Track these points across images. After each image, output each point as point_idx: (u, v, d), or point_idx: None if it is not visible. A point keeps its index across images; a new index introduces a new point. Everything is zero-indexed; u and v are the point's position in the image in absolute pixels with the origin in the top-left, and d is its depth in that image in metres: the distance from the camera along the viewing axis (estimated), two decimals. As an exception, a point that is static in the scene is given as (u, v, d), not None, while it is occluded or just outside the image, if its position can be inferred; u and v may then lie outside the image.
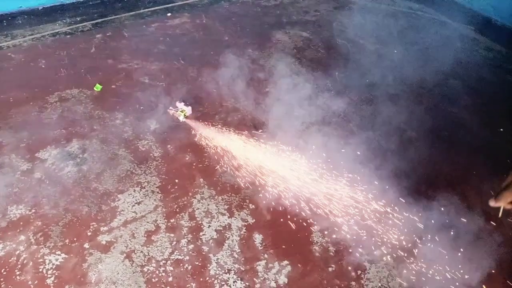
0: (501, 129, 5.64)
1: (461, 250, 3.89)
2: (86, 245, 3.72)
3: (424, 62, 6.74)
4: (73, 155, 4.60)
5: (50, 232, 3.79)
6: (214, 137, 4.97)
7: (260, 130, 5.13)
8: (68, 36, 6.71)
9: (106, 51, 6.37)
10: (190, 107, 5.24)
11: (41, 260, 3.56)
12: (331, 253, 3.92)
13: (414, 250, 3.92)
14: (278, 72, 6.11)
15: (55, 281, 3.42)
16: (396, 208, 4.19)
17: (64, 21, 7.08)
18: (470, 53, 7.29)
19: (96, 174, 4.40)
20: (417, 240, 3.98)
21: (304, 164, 4.58)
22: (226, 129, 5.10)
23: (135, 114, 5.24)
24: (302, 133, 5.12)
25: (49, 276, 3.45)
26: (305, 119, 5.38)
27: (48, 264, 3.53)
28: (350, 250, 3.94)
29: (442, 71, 6.67)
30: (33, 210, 3.95)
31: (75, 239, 3.76)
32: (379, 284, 3.73)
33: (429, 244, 3.93)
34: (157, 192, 4.29)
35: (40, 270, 3.48)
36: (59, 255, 3.62)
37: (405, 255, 3.90)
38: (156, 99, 5.51)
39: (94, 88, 5.56)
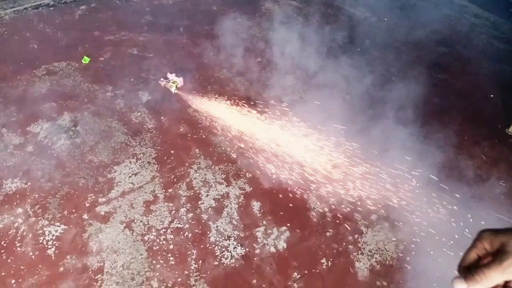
0: (491, 95, 5.74)
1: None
2: (85, 216, 3.71)
3: (413, 30, 6.75)
4: (65, 128, 4.53)
5: (48, 204, 3.76)
6: (208, 108, 4.94)
7: (254, 100, 5.11)
8: (51, 8, 6.49)
9: (91, 23, 6.19)
10: (181, 78, 5.17)
11: (40, 231, 3.55)
12: (328, 219, 4.00)
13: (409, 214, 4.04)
14: (269, 42, 6.06)
15: (56, 252, 3.42)
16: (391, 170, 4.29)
17: (46, -8, 6.83)
18: (459, 20, 7.31)
19: (90, 147, 4.36)
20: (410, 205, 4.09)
21: (299, 132, 4.61)
22: (220, 100, 5.07)
23: (126, 86, 5.15)
24: (295, 101, 5.13)
25: (49, 247, 3.45)
26: (297, 87, 5.39)
27: (48, 235, 3.53)
28: (347, 215, 4.02)
29: (432, 39, 6.70)
30: (29, 183, 3.90)
31: (73, 210, 3.74)
32: (376, 247, 3.83)
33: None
34: (153, 163, 4.27)
35: (40, 241, 3.47)
36: (58, 226, 3.61)
37: (400, 218, 4.01)
38: (147, 71, 5.42)
39: (82, 61, 5.44)
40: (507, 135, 5.12)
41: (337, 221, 3.97)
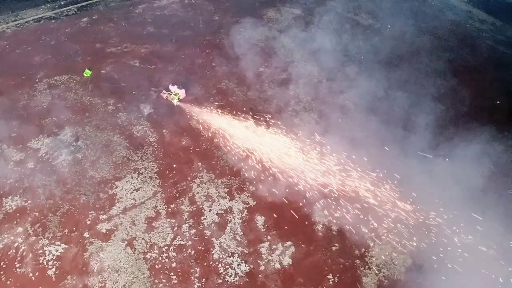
0: (498, 102, 5.63)
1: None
2: (86, 234, 3.65)
3: (418, 36, 6.67)
4: (66, 143, 4.48)
5: (48, 223, 3.71)
6: (210, 120, 4.88)
7: (257, 111, 5.04)
8: (53, 20, 6.48)
9: (93, 35, 6.17)
10: (183, 90, 5.12)
11: (40, 251, 3.49)
12: (334, 232, 3.91)
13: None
14: (272, 51, 6.00)
15: (57, 272, 3.36)
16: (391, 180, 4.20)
17: (48, 5, 6.82)
18: (464, 26, 7.22)
19: (91, 162, 4.30)
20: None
21: (302, 145, 4.53)
22: (222, 112, 5.01)
23: (128, 99, 5.10)
24: (298, 113, 5.06)
25: (50, 267, 3.39)
26: (300, 97, 5.31)
27: (48, 255, 3.47)
28: (353, 228, 3.92)
29: (437, 45, 6.61)
30: (29, 201, 3.85)
31: (74, 228, 3.69)
32: (384, 261, 3.73)
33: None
34: (155, 178, 4.21)
35: (41, 261, 3.42)
36: (59, 245, 3.55)
37: (408, 229, 3.91)
38: (148, 83, 5.37)
39: (84, 74, 5.40)
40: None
41: (343, 235, 3.87)
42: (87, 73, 5.41)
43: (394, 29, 6.74)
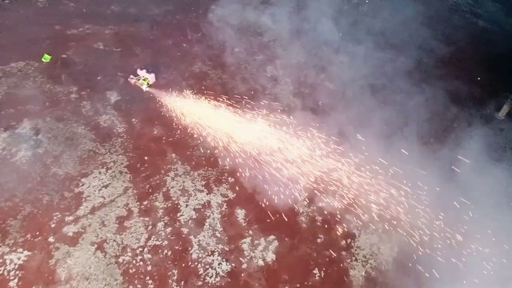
0: (478, 78, 5.51)
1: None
2: (51, 239, 3.34)
3: (395, 12, 6.44)
4: (25, 137, 4.09)
5: (8, 228, 3.37)
6: (183, 107, 4.55)
7: (233, 95, 4.75)
8: (7, 1, 5.90)
9: (52, 16, 5.65)
10: (153, 75, 4.76)
11: (0, 260, 3.16)
12: (318, 223, 3.73)
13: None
14: (248, 30, 5.66)
15: (20, 283, 3.06)
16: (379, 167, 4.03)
17: (-1, -17, 6.22)
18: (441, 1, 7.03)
19: (54, 157, 3.94)
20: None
21: (282, 131, 4.29)
22: (196, 97, 4.69)
23: (92, 85, 4.71)
24: (276, 96, 4.80)
25: (11, 278, 3.09)
26: (278, 79, 5.04)
27: (10, 264, 3.15)
28: (338, 218, 3.75)
29: (415, 20, 6.41)
30: (-15, 205, 3.50)
31: (37, 233, 3.37)
32: (370, 251, 3.59)
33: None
34: (126, 172, 3.90)
35: (1, 272, 3.09)
36: (21, 252, 3.23)
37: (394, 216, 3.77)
38: (114, 68, 4.97)
39: (42, 59, 4.94)
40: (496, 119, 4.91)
41: (329, 225, 3.70)
42: (46, 58, 4.96)
43: (371, 5, 6.48)
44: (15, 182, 3.69)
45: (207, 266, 3.30)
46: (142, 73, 4.75)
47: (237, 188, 3.85)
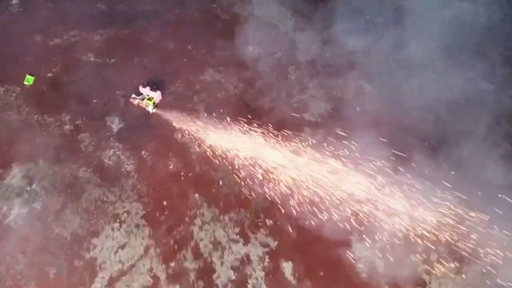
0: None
1: None
2: (65, 330, 2.73)
3: None
4: (17, 189, 3.41)
5: (11, 319, 2.75)
6: (199, 130, 3.84)
7: (256, 110, 4.02)
8: (-27, 6, 5.02)
9: (29, 23, 4.79)
10: (159, 92, 4.01)
11: None
12: (380, 269, 3.12)
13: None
14: (262, 25, 4.81)
15: None
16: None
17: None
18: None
19: (55, 214, 3.28)
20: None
21: (323, 153, 3.60)
22: (212, 115, 3.96)
23: (88, 111, 3.97)
24: (306, 104, 4.07)
25: None
26: (304, 82, 4.29)
27: None
28: (401, 262, 3.15)
29: None
30: (-22, 291, 2.86)
31: (47, 322, 2.75)
32: (446, 302, 3.01)
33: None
34: (144, 225, 3.25)
35: None
36: None
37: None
38: (111, 85, 4.21)
39: (25, 82, 4.17)
40: None
41: (391, 271, 3.09)
42: (29, 80, 4.18)
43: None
44: (12, 252, 3.04)
45: None
46: (145, 91, 4.00)
47: (278, 233, 3.22)
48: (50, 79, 4.24)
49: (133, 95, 4.04)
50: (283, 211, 3.30)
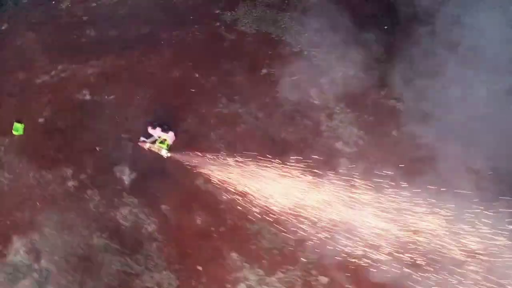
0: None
1: None
2: None
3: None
4: (24, 268, 2.89)
5: None
6: (224, 172, 3.37)
7: (282, 141, 3.59)
8: None
9: (9, 56, 4.19)
10: (171, 133, 3.53)
11: None
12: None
13: None
14: (276, 40, 4.34)
15: None
16: None
17: None
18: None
19: (74, 297, 2.77)
20: None
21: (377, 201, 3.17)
22: (235, 154, 3.50)
23: (92, 161, 3.46)
24: (339, 137, 3.65)
25: None
26: (330, 106, 3.87)
27: None
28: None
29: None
30: None
31: None
32: None
33: None
34: (180, 300, 2.79)
35: None
36: None
37: None
38: (114, 127, 3.70)
39: (13, 132, 3.61)
40: None
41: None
42: (18, 129, 3.65)
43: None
44: None
45: None
46: (156, 132, 3.51)
47: (335, 291, 2.80)
48: (42, 126, 3.70)
49: (142, 138, 3.54)
50: (337, 266, 2.88)
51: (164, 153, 3.49)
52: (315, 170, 3.32)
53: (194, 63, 4.16)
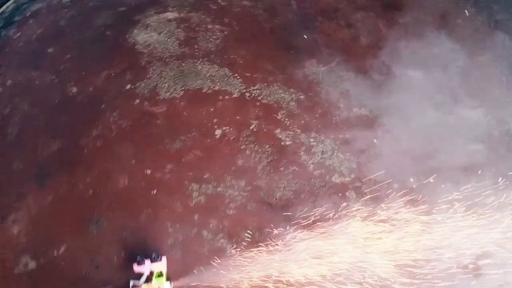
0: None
1: None
2: None
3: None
4: None
5: None
6: (242, 278, 2.87)
7: (282, 210, 3.14)
8: None
9: None
10: (163, 259, 2.89)
11: None
12: None
13: None
14: (208, 93, 3.74)
15: None
16: None
17: None
18: None
19: None
20: None
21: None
22: (240, 241, 3.01)
23: None
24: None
25: None
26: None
27: None
28: None
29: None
30: None
31: None
32: None
33: None
34: None
35: None
36: None
37: None
38: (87, 280, 2.94)
39: None
40: None
41: None
42: None
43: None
44: None
45: None
46: (145, 267, 2.84)
47: None
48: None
49: (132, 283, 2.85)
50: None
51: (168, 287, 2.85)
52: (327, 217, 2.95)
53: (140, 161, 3.42)
